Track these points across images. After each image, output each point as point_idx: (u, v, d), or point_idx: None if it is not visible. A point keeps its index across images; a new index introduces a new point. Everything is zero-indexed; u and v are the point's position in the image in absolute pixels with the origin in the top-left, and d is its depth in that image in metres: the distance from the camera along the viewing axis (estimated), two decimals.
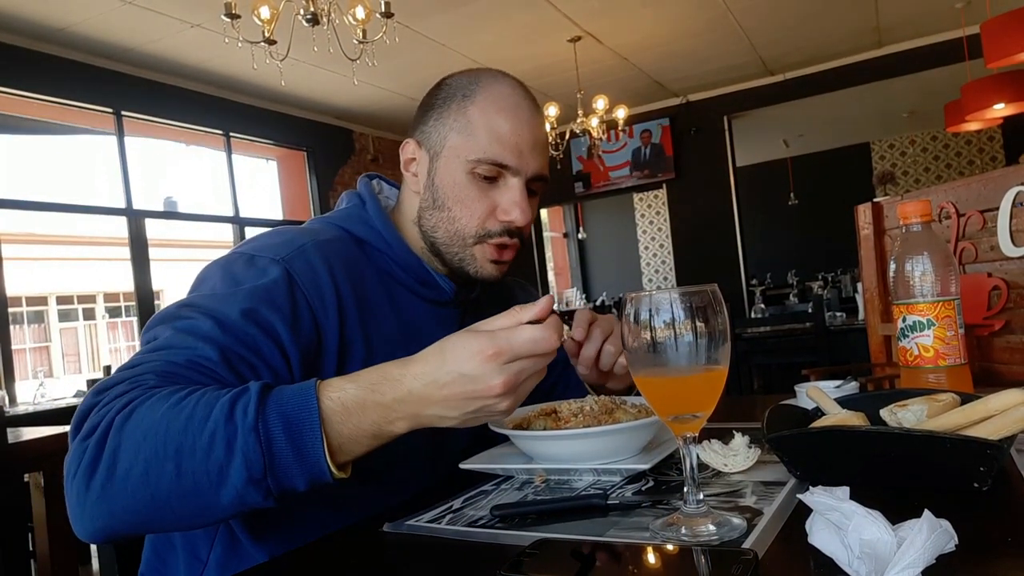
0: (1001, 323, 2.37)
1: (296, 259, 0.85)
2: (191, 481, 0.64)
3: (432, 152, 0.96)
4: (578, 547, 0.60)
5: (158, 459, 0.63)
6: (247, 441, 0.63)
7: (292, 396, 0.67)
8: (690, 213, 7.00)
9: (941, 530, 0.48)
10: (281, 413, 0.65)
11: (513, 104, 0.94)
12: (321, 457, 0.65)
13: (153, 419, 0.65)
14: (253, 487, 0.64)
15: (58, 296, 12.50)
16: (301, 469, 0.65)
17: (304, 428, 0.65)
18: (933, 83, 6.25)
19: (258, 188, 6.50)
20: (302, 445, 0.65)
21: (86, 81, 4.58)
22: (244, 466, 0.63)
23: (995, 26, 3.74)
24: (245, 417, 0.64)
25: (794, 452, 0.71)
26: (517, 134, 0.93)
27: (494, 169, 0.92)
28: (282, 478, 0.65)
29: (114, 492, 0.64)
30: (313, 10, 3.07)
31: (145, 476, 0.63)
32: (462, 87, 0.96)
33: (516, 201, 0.93)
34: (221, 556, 0.85)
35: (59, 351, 12.45)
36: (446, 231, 0.95)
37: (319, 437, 0.65)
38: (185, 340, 0.75)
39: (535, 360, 0.68)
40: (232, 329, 0.76)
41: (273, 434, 0.64)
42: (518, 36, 5.01)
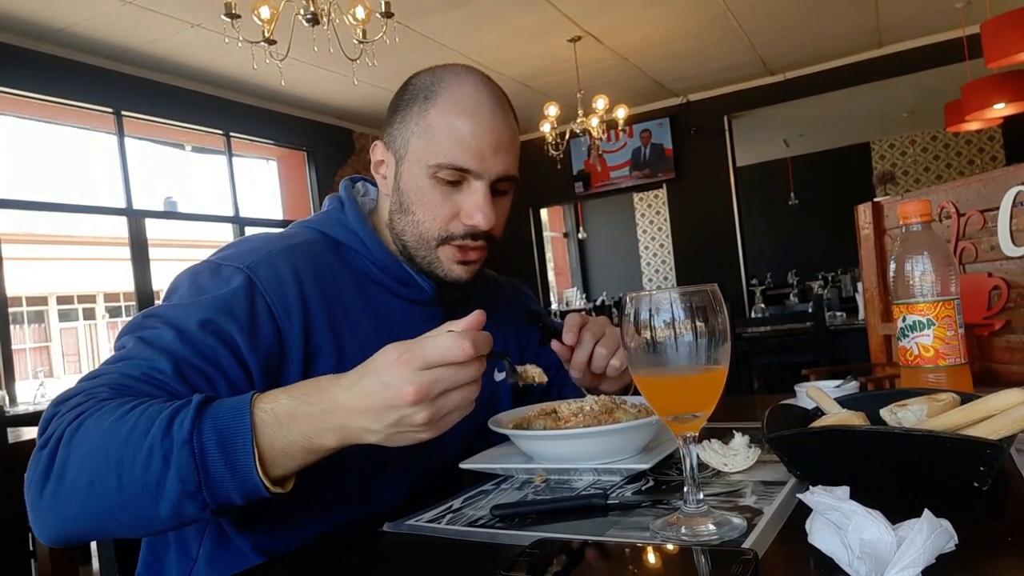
0: (1001, 323, 2.37)
1: (260, 265, 0.86)
2: (131, 493, 0.65)
3: (397, 156, 0.95)
4: (578, 547, 0.60)
5: (101, 471, 0.66)
6: (181, 455, 0.65)
7: (227, 409, 0.68)
8: (690, 213, 7.00)
9: (941, 530, 0.48)
10: (215, 427, 0.66)
11: (474, 105, 0.92)
12: (253, 471, 0.66)
13: (98, 432, 0.67)
14: (188, 500, 0.65)
15: (58, 296, 12.50)
16: (235, 483, 0.66)
17: (236, 442, 0.66)
18: (933, 83, 6.24)
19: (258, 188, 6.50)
20: (234, 459, 0.65)
21: (86, 81, 4.57)
22: (179, 479, 0.65)
23: (995, 26, 3.74)
24: (181, 430, 0.65)
25: (794, 452, 0.71)
26: (477, 136, 0.91)
27: (455, 173, 0.91)
28: (217, 492, 0.66)
29: (62, 501, 0.67)
30: (313, 10, 3.07)
31: (90, 487, 0.66)
32: (424, 88, 0.94)
33: (479, 205, 0.91)
34: (210, 551, 0.86)
35: (59, 351, 12.46)
36: (412, 234, 0.95)
37: (250, 451, 0.65)
38: (144, 352, 0.76)
39: (450, 371, 0.67)
40: (191, 340, 0.78)
41: (207, 448, 0.65)
42: (518, 36, 5.01)
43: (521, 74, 5.72)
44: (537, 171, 7.04)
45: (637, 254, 10.23)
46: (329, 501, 0.88)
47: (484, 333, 0.70)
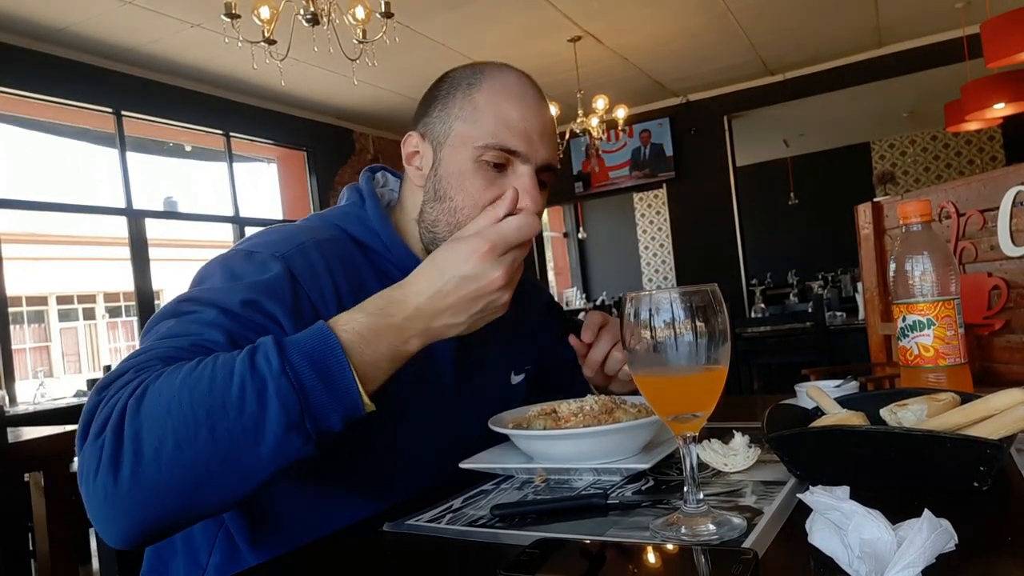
0: (1001, 323, 2.37)
1: (296, 256, 0.84)
2: (228, 441, 0.62)
3: (436, 143, 0.91)
4: (578, 546, 0.60)
5: (188, 428, 0.61)
6: (279, 386, 0.63)
7: (309, 339, 0.67)
8: (690, 213, 7.00)
9: (941, 529, 0.48)
10: (304, 354, 0.66)
11: (520, 92, 0.90)
12: (353, 386, 0.66)
13: (172, 391, 0.63)
14: (293, 432, 0.64)
15: (58, 296, 12.50)
16: (335, 404, 0.66)
17: (331, 362, 0.66)
18: (933, 83, 6.24)
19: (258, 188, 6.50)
20: (331, 379, 0.66)
21: (86, 81, 4.57)
22: (282, 411, 0.63)
23: (995, 26, 3.74)
24: (270, 365, 0.64)
25: (794, 452, 0.71)
26: (525, 120, 0.88)
27: (502, 155, 0.87)
28: (319, 417, 0.65)
29: (147, 478, 0.61)
30: (313, 10, 3.07)
31: (178, 449, 0.61)
32: (467, 77, 0.92)
33: (527, 188, 0.86)
34: (220, 562, 0.85)
35: (59, 351, 12.46)
36: (447, 223, 0.90)
37: (347, 368, 0.66)
38: (189, 328, 0.74)
39: (523, 248, 0.74)
40: (237, 317, 0.75)
41: (303, 375, 0.64)
42: (518, 36, 5.01)
43: None
44: None
45: (637, 254, 10.23)
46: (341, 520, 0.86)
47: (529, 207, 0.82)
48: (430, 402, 0.88)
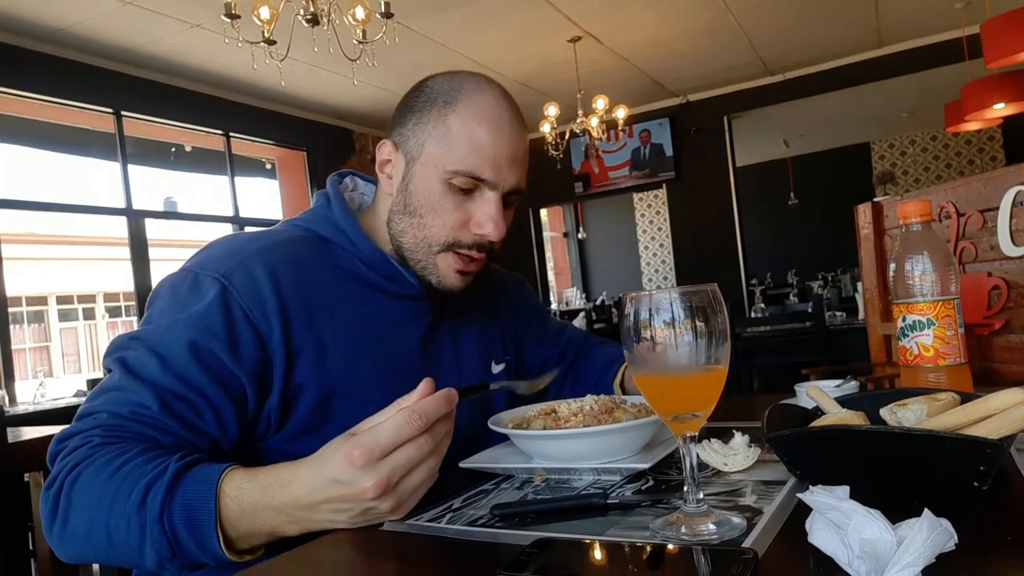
0: (1001, 322, 2.37)
1: (235, 272, 0.86)
2: (120, 549, 0.73)
3: (409, 157, 0.94)
4: (578, 546, 0.60)
5: (95, 527, 0.73)
6: (153, 531, 0.70)
7: (196, 492, 0.71)
8: (690, 213, 7.00)
9: (941, 529, 0.48)
10: (184, 507, 0.70)
11: (495, 115, 0.92)
12: (219, 552, 0.70)
13: (90, 493, 0.73)
14: (168, 563, 0.72)
15: (58, 296, 12.50)
16: (205, 555, 0.72)
17: (203, 526, 0.70)
18: (933, 83, 6.25)
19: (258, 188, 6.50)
20: (202, 539, 0.70)
21: (86, 81, 4.57)
22: (154, 550, 0.71)
23: (995, 26, 3.74)
24: (153, 506, 0.70)
25: (794, 451, 0.71)
26: (496, 147, 0.91)
27: (471, 182, 0.91)
28: (190, 560, 0.72)
29: (68, 541, 0.75)
30: (313, 10, 3.07)
31: (88, 537, 0.73)
32: (444, 92, 0.93)
33: (491, 216, 0.91)
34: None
35: (59, 351, 12.46)
36: (414, 237, 0.94)
37: (215, 535, 0.70)
38: (130, 384, 0.80)
39: (406, 453, 0.68)
40: (173, 367, 0.81)
41: (176, 527, 0.70)
42: (518, 36, 5.01)
43: (521, 74, 5.72)
44: (537, 171, 7.02)
45: (637, 254, 10.23)
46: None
47: (438, 396, 0.71)
48: (398, 387, 0.87)
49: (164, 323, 0.84)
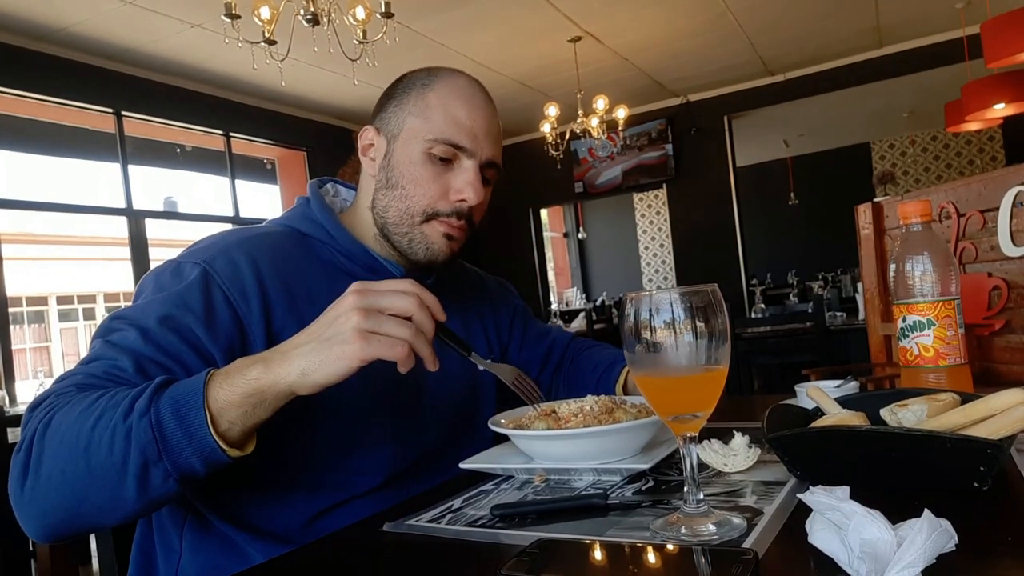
0: (1001, 323, 2.37)
1: (217, 258, 0.89)
2: (100, 474, 0.68)
3: (390, 136, 0.99)
4: (578, 547, 0.60)
5: (72, 459, 0.69)
6: (139, 427, 0.68)
7: (185, 382, 0.72)
8: (690, 213, 7.00)
9: (941, 530, 0.48)
10: (172, 398, 0.70)
11: (469, 94, 0.99)
12: (206, 431, 0.68)
13: (67, 423, 0.71)
14: (153, 469, 0.68)
15: (58, 296, 12.50)
16: (192, 447, 0.69)
17: (190, 406, 0.69)
18: (933, 83, 6.24)
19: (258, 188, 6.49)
20: (188, 423, 0.68)
21: (86, 81, 4.57)
22: (140, 452, 0.68)
23: (995, 26, 3.74)
24: (139, 406, 0.69)
25: (794, 452, 0.71)
26: (472, 119, 0.97)
27: (450, 150, 0.96)
28: (177, 458, 0.69)
29: (40, 493, 0.70)
30: (313, 10, 3.07)
31: (63, 475, 0.69)
32: (421, 78, 1.01)
33: (470, 181, 0.96)
34: (192, 541, 0.88)
35: (59, 351, 12.45)
36: (397, 209, 0.97)
37: (202, 411, 0.68)
38: (108, 352, 0.80)
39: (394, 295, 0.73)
40: (152, 338, 0.81)
41: (163, 417, 0.68)
42: (518, 36, 5.01)
43: (521, 74, 5.72)
44: (537, 171, 7.04)
45: (637, 254, 10.22)
46: (303, 478, 0.89)
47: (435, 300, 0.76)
48: (386, 381, 0.88)
49: (145, 303, 0.86)
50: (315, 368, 0.70)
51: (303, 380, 0.70)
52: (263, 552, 0.84)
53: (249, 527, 0.87)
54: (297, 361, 0.70)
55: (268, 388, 0.70)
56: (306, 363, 0.70)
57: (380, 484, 0.92)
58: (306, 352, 0.70)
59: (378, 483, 0.92)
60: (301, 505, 0.89)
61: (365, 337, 0.70)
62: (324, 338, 0.71)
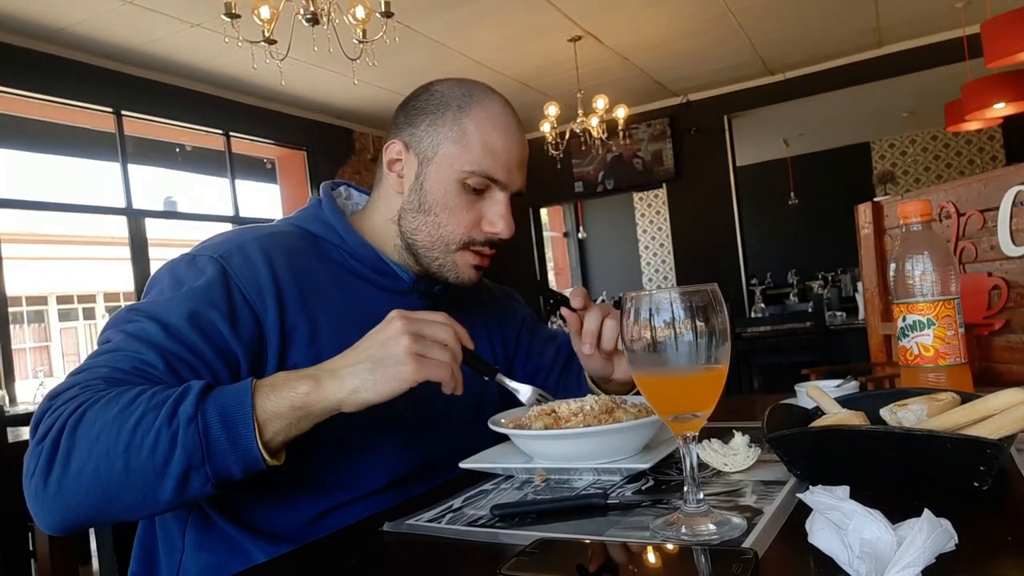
0: (1001, 322, 2.37)
1: (233, 255, 0.90)
2: (138, 476, 0.69)
3: (423, 157, 0.98)
4: (578, 547, 0.60)
5: (109, 457, 0.69)
6: (187, 433, 0.69)
7: (230, 390, 0.73)
8: (690, 213, 7.00)
9: (941, 529, 0.48)
10: (218, 406, 0.71)
11: (505, 122, 0.98)
12: (252, 441, 0.70)
13: (105, 421, 0.70)
14: (194, 474, 0.70)
15: (58, 296, 12.50)
16: (235, 455, 0.71)
17: (238, 416, 0.71)
18: (933, 83, 6.24)
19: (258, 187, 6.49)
20: (235, 432, 0.70)
21: (86, 81, 4.57)
22: (185, 456, 0.69)
23: (995, 26, 3.74)
24: (185, 411, 0.70)
25: (794, 452, 0.71)
26: (508, 152, 0.97)
27: (484, 182, 0.96)
28: (219, 464, 0.70)
29: (68, 487, 0.70)
30: (313, 10, 3.07)
31: (96, 473, 0.69)
32: (456, 97, 0.98)
33: (502, 215, 0.98)
34: (196, 537, 0.88)
35: (59, 351, 12.46)
36: (429, 235, 0.98)
37: (250, 424, 0.71)
38: (132, 344, 0.79)
39: (434, 325, 0.78)
40: (176, 334, 0.81)
41: (210, 424, 0.70)
42: (518, 36, 5.01)
43: (521, 74, 5.71)
44: (537, 171, 7.02)
45: (637, 254, 10.22)
46: (306, 480, 0.89)
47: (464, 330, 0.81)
48: None
49: (165, 298, 0.85)
50: (368, 387, 0.73)
51: (353, 397, 0.74)
52: (265, 551, 0.84)
53: (251, 527, 0.87)
54: (349, 379, 0.74)
55: (316, 403, 0.73)
56: (359, 381, 0.73)
57: (383, 486, 0.92)
58: (359, 371, 0.74)
59: (381, 485, 0.92)
60: (303, 506, 0.89)
61: (418, 360, 0.74)
62: (376, 359, 0.74)
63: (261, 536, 0.87)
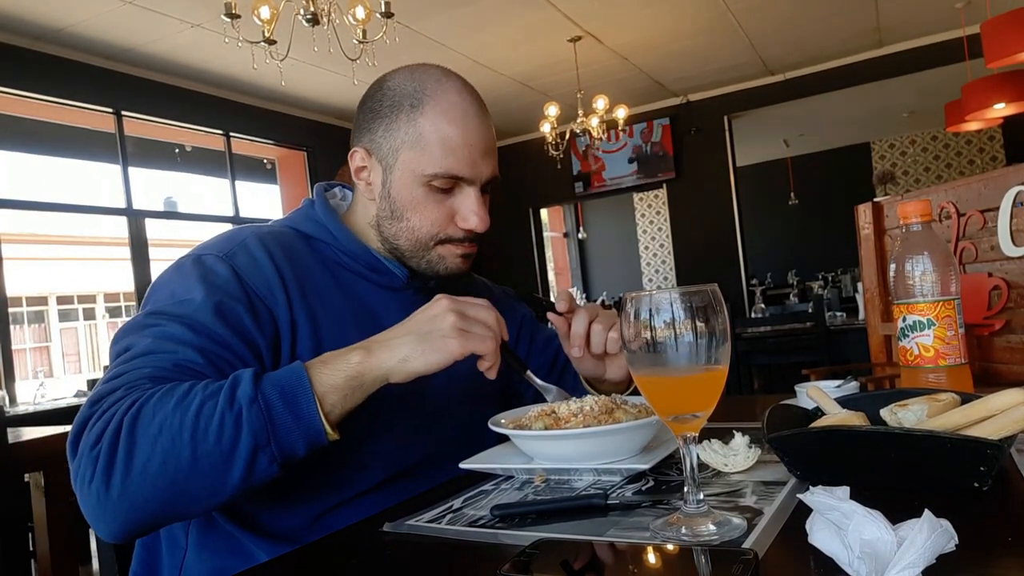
0: (1001, 323, 2.37)
1: (238, 253, 0.90)
2: (206, 462, 0.69)
3: (385, 164, 0.97)
4: (578, 547, 0.60)
5: (175, 448, 0.69)
6: (251, 413, 0.70)
7: (282, 372, 0.75)
8: (690, 213, 7.00)
9: (941, 530, 0.48)
10: (275, 384, 0.73)
11: (462, 113, 0.94)
12: (314, 410, 0.73)
13: (165, 414, 0.70)
14: (261, 453, 0.71)
15: (58, 296, 12.50)
16: (299, 430, 0.72)
17: (298, 392, 0.73)
18: (933, 83, 6.24)
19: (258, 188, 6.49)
20: (297, 408, 0.72)
21: (86, 81, 4.57)
22: (251, 436, 0.70)
23: (995, 26, 3.74)
24: (245, 395, 0.71)
25: (794, 452, 0.71)
26: (469, 145, 0.94)
27: (449, 181, 0.95)
28: (284, 441, 0.72)
29: (134, 486, 0.68)
30: (313, 10, 3.07)
31: (163, 466, 0.69)
32: (408, 95, 0.95)
33: (474, 209, 0.96)
34: (198, 537, 0.88)
35: (59, 351, 12.46)
36: (407, 239, 0.98)
37: (310, 393, 0.73)
38: (165, 345, 0.79)
39: (477, 307, 0.82)
40: (205, 330, 0.81)
41: (272, 402, 0.72)
42: (518, 36, 5.01)
43: (521, 74, 5.72)
44: (537, 171, 7.04)
45: (637, 254, 10.22)
46: (307, 477, 0.89)
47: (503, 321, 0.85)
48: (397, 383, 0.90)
49: (183, 299, 0.84)
50: (417, 356, 0.77)
51: (403, 366, 0.77)
52: (268, 552, 0.84)
53: (254, 527, 0.87)
54: (399, 349, 0.77)
55: (368, 372, 0.76)
56: (408, 351, 0.77)
57: (383, 480, 0.93)
58: (408, 342, 0.77)
59: (380, 479, 0.92)
60: (306, 504, 0.89)
61: (463, 335, 0.78)
62: (424, 332, 0.78)
63: (264, 536, 0.87)
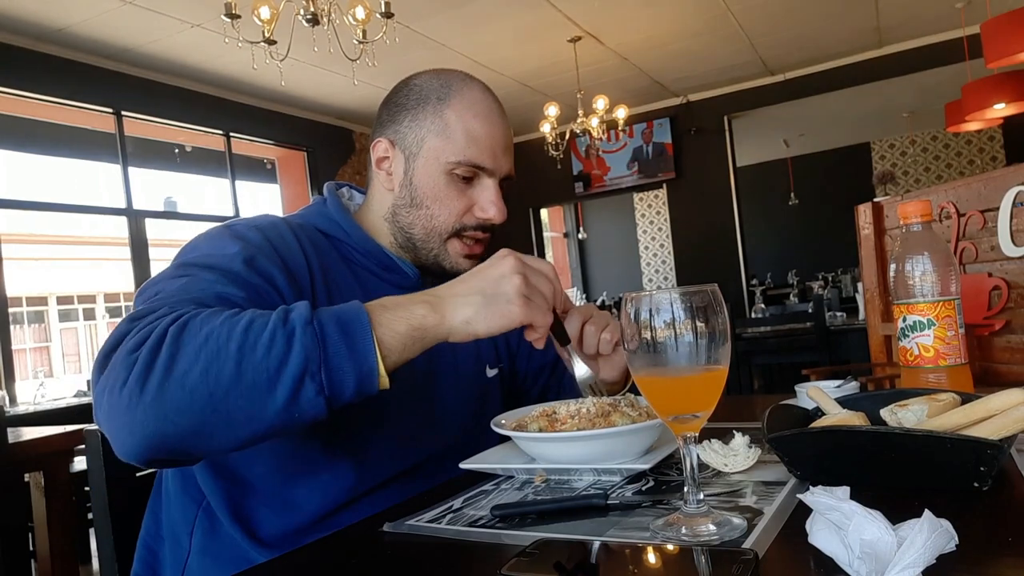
0: (1001, 323, 2.37)
1: (270, 229, 0.92)
2: (250, 378, 0.65)
3: (408, 152, 1.00)
4: (578, 547, 0.60)
5: (219, 358, 0.65)
6: (305, 334, 0.67)
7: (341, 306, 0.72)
8: (690, 213, 7.00)
9: (941, 530, 0.48)
10: (332, 314, 0.70)
11: (487, 109, 1.00)
12: (371, 348, 0.69)
13: (213, 326, 0.67)
14: (309, 380, 0.66)
15: (58, 296, 12.51)
16: (352, 364, 0.68)
17: (355, 324, 0.69)
18: (933, 83, 6.25)
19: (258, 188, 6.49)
20: (353, 338, 0.68)
21: (86, 81, 4.57)
22: (303, 356, 0.66)
23: (995, 26, 3.74)
24: (300, 318, 0.68)
25: (794, 452, 0.71)
26: (492, 137, 0.99)
27: (471, 170, 0.98)
28: (334, 371, 0.67)
29: (169, 393, 0.64)
30: (313, 10, 3.07)
31: (205, 375, 0.65)
32: (435, 89, 1.00)
33: (493, 200, 0.99)
34: (202, 541, 0.88)
35: (59, 351, 12.46)
36: (423, 227, 1.00)
37: (368, 331, 0.69)
38: (203, 284, 0.77)
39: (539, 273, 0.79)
40: (236, 278, 0.80)
41: (327, 328, 0.68)
42: (518, 36, 5.01)
43: (521, 74, 5.71)
44: (537, 171, 7.04)
45: (637, 254, 10.22)
46: (309, 479, 0.89)
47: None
48: (402, 381, 0.89)
49: (216, 253, 0.83)
50: (480, 320, 0.74)
51: (465, 328, 0.74)
52: (269, 554, 0.84)
53: (257, 531, 0.87)
54: (463, 309, 0.74)
55: (431, 328, 0.73)
56: (472, 312, 0.74)
57: (384, 480, 0.93)
58: (471, 303, 0.75)
59: (381, 479, 0.92)
60: (308, 505, 0.88)
61: (527, 303, 0.75)
62: (488, 293, 0.75)
63: (266, 538, 0.87)
